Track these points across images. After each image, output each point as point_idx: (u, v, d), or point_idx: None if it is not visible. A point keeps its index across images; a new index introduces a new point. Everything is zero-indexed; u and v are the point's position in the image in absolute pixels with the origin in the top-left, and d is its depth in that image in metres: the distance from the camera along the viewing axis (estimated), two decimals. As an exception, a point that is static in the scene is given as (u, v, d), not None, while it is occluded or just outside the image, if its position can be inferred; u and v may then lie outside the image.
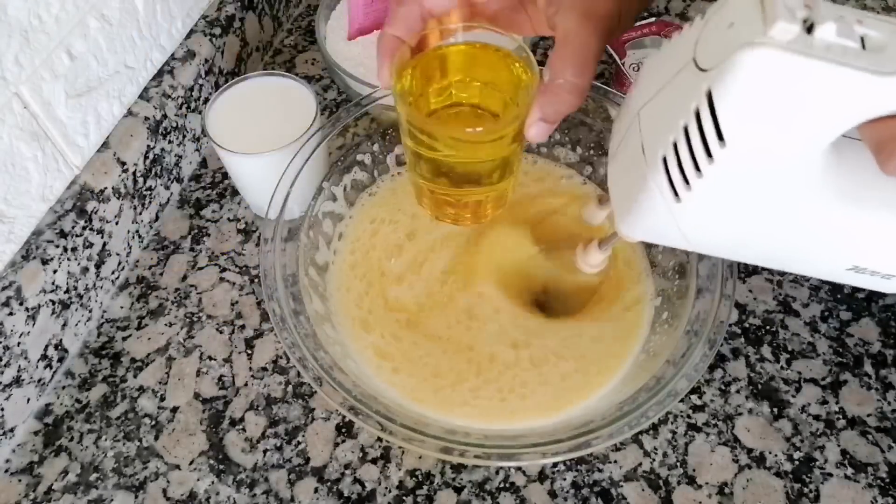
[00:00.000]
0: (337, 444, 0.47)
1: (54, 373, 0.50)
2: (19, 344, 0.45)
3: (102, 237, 0.51)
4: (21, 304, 0.45)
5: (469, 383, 0.45)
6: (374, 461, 0.46)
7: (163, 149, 0.56)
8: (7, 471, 0.46)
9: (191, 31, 0.59)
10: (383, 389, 0.45)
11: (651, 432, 0.47)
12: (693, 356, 0.40)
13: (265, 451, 0.47)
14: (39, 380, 0.48)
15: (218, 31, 0.60)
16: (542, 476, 0.46)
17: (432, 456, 0.45)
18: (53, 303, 0.48)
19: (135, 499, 0.45)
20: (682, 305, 0.45)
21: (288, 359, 0.50)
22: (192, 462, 0.46)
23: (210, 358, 0.51)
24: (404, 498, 0.45)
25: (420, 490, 0.45)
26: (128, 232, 0.54)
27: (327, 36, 0.61)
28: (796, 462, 0.46)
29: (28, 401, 0.48)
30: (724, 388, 0.49)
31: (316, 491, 0.45)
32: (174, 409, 0.49)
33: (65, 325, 0.49)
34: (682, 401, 0.47)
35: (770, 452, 0.46)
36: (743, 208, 0.29)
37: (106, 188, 0.51)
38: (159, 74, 0.56)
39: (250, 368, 0.50)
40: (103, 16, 0.49)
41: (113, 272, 0.53)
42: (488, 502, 0.45)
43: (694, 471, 0.46)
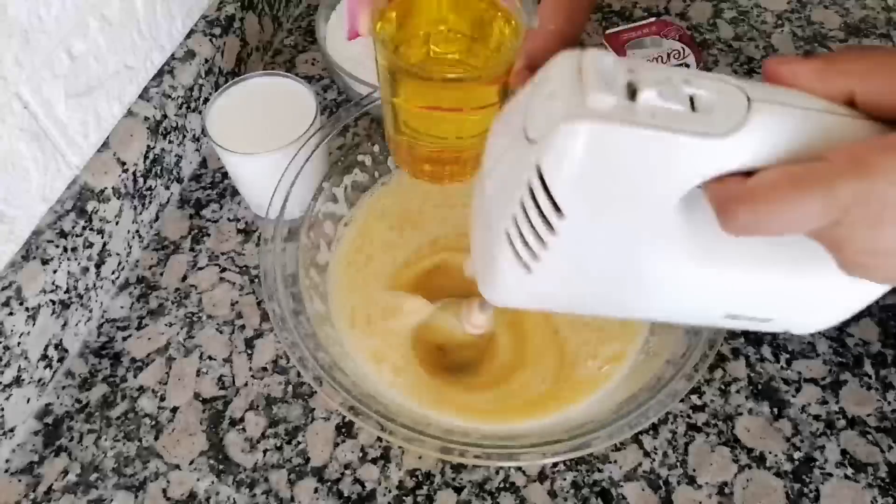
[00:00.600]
0: (337, 444, 0.47)
1: (54, 373, 0.50)
2: (19, 344, 0.45)
3: (102, 237, 0.51)
4: (21, 304, 0.45)
5: (469, 383, 0.46)
6: (374, 461, 0.46)
7: (163, 149, 0.56)
8: (7, 471, 0.46)
9: (191, 31, 0.59)
10: (383, 389, 0.45)
11: (651, 432, 0.47)
12: (693, 356, 0.40)
13: (265, 451, 0.47)
14: (39, 380, 0.48)
15: (218, 31, 0.60)
16: (542, 476, 0.46)
17: (432, 456, 0.45)
18: (53, 303, 0.48)
19: (135, 499, 0.45)
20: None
21: (288, 359, 0.50)
22: (192, 462, 0.46)
23: (210, 358, 0.51)
24: (404, 498, 0.45)
25: (420, 490, 0.45)
26: (128, 232, 0.54)
27: (327, 36, 0.61)
28: (796, 462, 0.46)
29: (28, 401, 0.48)
30: (724, 388, 0.49)
31: (316, 491, 0.45)
32: (174, 409, 0.49)
33: (65, 325, 0.49)
34: (682, 401, 0.47)
35: (770, 452, 0.46)
36: (598, 273, 0.28)
37: (106, 188, 0.51)
38: (159, 74, 0.56)
39: (250, 368, 0.50)
40: (103, 16, 0.49)
41: (113, 272, 0.53)
42: (488, 502, 0.45)
43: (694, 471, 0.46)
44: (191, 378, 0.50)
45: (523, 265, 0.28)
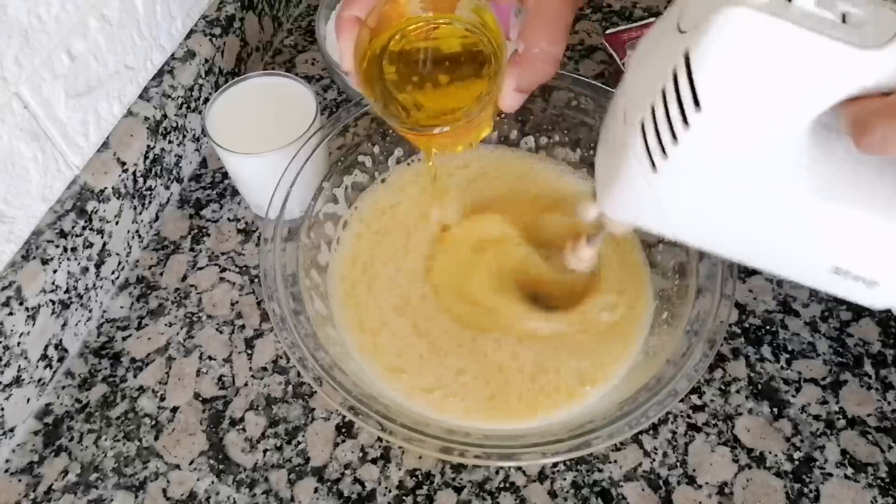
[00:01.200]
0: (337, 444, 0.47)
1: (54, 373, 0.50)
2: (19, 344, 0.45)
3: (102, 237, 0.51)
4: (21, 304, 0.45)
5: (469, 383, 0.45)
6: (374, 461, 0.46)
7: (163, 149, 0.56)
8: (7, 471, 0.46)
9: (191, 31, 0.59)
10: (383, 390, 0.45)
11: (651, 432, 0.47)
12: (693, 356, 0.40)
13: (265, 451, 0.47)
14: (39, 380, 0.48)
15: (218, 31, 0.60)
16: (542, 476, 0.46)
17: (432, 456, 0.45)
18: (53, 303, 0.48)
19: (135, 499, 0.45)
20: (682, 305, 0.44)
21: (288, 359, 0.50)
22: (192, 462, 0.46)
23: (210, 358, 0.51)
24: (404, 498, 0.45)
25: (420, 490, 0.45)
26: (128, 232, 0.54)
27: (327, 36, 0.61)
28: (796, 462, 0.46)
29: (28, 401, 0.48)
30: (724, 388, 0.49)
31: (316, 491, 0.45)
32: (174, 409, 0.49)
33: (65, 325, 0.49)
34: (682, 401, 0.47)
35: (770, 452, 0.46)
36: (718, 188, 0.28)
37: (106, 188, 0.51)
38: (159, 74, 0.56)
39: (250, 368, 0.50)
40: (103, 16, 0.49)
41: (113, 272, 0.53)
42: (488, 502, 0.45)
43: (694, 471, 0.46)
44: (191, 378, 0.50)
45: (650, 162, 0.28)
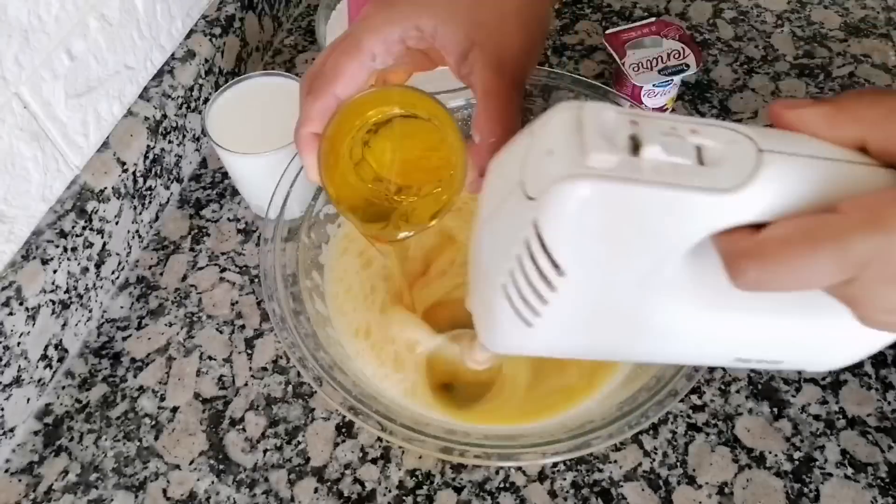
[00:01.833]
0: (337, 444, 0.47)
1: (54, 373, 0.50)
2: (19, 344, 0.45)
3: (102, 237, 0.51)
4: (21, 304, 0.45)
5: (468, 384, 0.45)
6: (374, 461, 0.46)
7: (163, 149, 0.56)
8: (7, 471, 0.46)
9: (191, 31, 0.59)
10: (383, 389, 0.45)
11: (651, 432, 0.47)
12: (693, 356, 0.40)
13: (265, 451, 0.47)
14: (39, 380, 0.48)
15: (218, 31, 0.60)
16: (542, 476, 0.46)
17: (432, 456, 0.45)
18: (53, 303, 0.48)
19: (135, 499, 0.45)
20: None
21: (288, 359, 0.50)
22: (192, 462, 0.46)
23: (210, 358, 0.51)
24: (404, 498, 0.45)
25: (420, 490, 0.45)
26: (128, 232, 0.54)
27: (327, 36, 0.61)
28: (796, 462, 0.46)
29: (28, 401, 0.48)
30: (724, 388, 0.49)
31: (316, 491, 0.45)
32: (174, 409, 0.49)
33: (65, 325, 0.49)
34: (682, 401, 0.47)
35: (770, 452, 0.46)
36: (603, 325, 0.27)
37: (106, 188, 0.51)
38: (159, 74, 0.56)
39: (250, 368, 0.50)
40: (103, 16, 0.49)
41: (113, 272, 0.53)
42: (488, 502, 0.45)
43: (694, 471, 0.46)
44: (191, 378, 0.50)
45: (523, 320, 0.27)
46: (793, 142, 0.23)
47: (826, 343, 0.28)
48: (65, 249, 0.48)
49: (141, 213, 0.55)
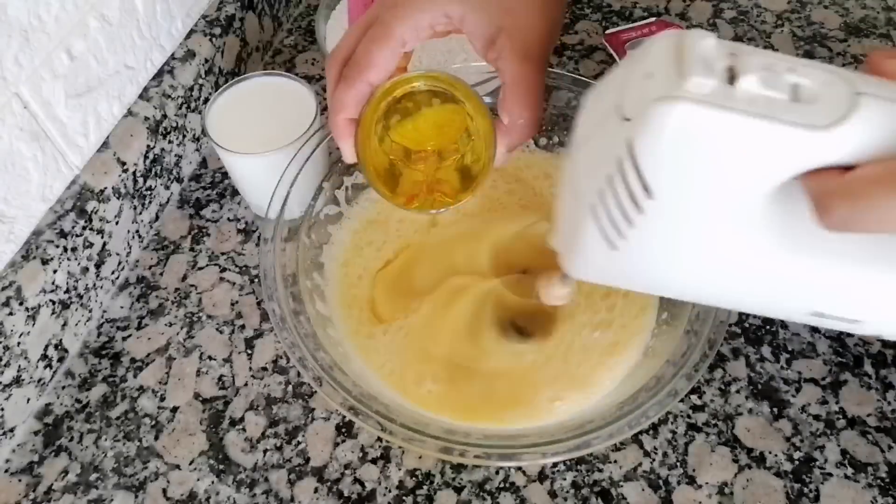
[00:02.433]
0: (337, 444, 0.47)
1: (54, 373, 0.50)
2: (19, 344, 0.45)
3: (102, 237, 0.51)
4: (21, 304, 0.45)
5: (468, 384, 0.45)
6: (374, 461, 0.46)
7: (163, 149, 0.56)
8: (7, 471, 0.46)
9: (191, 31, 0.59)
10: (383, 390, 0.45)
11: (651, 432, 0.47)
12: (693, 356, 0.40)
13: (265, 451, 0.47)
14: (39, 380, 0.48)
15: (218, 31, 0.60)
16: (542, 476, 0.46)
17: (432, 456, 0.45)
18: (53, 303, 0.48)
19: (135, 499, 0.45)
20: (682, 305, 0.44)
21: (288, 359, 0.50)
22: (192, 462, 0.46)
23: (210, 358, 0.51)
24: (404, 498, 0.45)
25: (420, 490, 0.45)
26: (128, 232, 0.54)
27: (327, 36, 0.61)
28: (796, 462, 0.46)
29: (28, 401, 0.48)
30: (724, 388, 0.49)
31: (316, 491, 0.45)
32: (174, 409, 0.49)
33: (65, 325, 0.49)
34: (682, 401, 0.47)
35: (770, 452, 0.46)
36: (685, 256, 0.27)
37: (106, 188, 0.51)
38: (159, 74, 0.56)
39: (250, 368, 0.50)
40: (103, 16, 0.49)
41: (113, 272, 0.53)
42: (488, 502, 0.45)
43: (694, 471, 0.46)
44: (191, 378, 0.50)
45: (608, 242, 0.27)
46: (890, 89, 0.23)
47: None
48: (65, 249, 0.48)
49: (141, 213, 0.55)
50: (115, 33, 0.50)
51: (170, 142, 0.57)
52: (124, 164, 0.52)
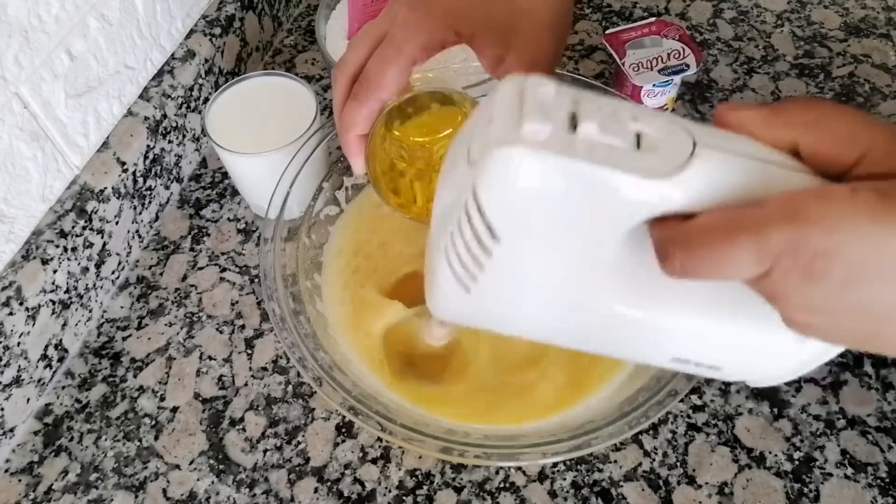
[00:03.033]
0: (337, 444, 0.47)
1: (54, 373, 0.50)
2: (19, 344, 0.45)
3: (102, 237, 0.51)
4: (21, 304, 0.45)
5: (468, 384, 0.45)
6: (374, 461, 0.46)
7: (163, 149, 0.56)
8: (7, 471, 0.46)
9: (191, 31, 0.59)
10: (383, 390, 0.45)
11: (651, 432, 0.47)
12: (693, 356, 0.40)
13: (265, 451, 0.47)
14: (39, 380, 0.48)
15: (218, 31, 0.60)
16: (542, 476, 0.46)
17: (432, 456, 0.45)
18: (53, 303, 0.48)
19: (135, 499, 0.45)
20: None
21: (288, 359, 0.50)
22: (192, 462, 0.46)
23: (210, 358, 0.51)
24: (404, 498, 0.45)
25: (420, 490, 0.45)
26: (128, 232, 0.54)
27: (327, 36, 0.61)
28: (796, 462, 0.46)
29: (28, 401, 0.48)
30: (724, 387, 0.49)
31: (316, 491, 0.45)
32: (174, 409, 0.49)
33: (65, 325, 0.49)
34: (682, 401, 0.47)
35: (770, 452, 0.46)
36: (538, 300, 0.27)
37: (106, 188, 0.51)
38: (159, 74, 0.56)
39: (250, 368, 0.50)
40: (103, 16, 0.49)
41: (113, 272, 0.53)
42: (488, 502, 0.45)
43: (694, 471, 0.46)
44: (191, 378, 0.50)
45: (462, 285, 0.27)
46: (730, 140, 0.24)
47: (763, 351, 0.28)
48: (65, 249, 0.48)
49: (141, 213, 0.55)
50: (115, 33, 0.50)
51: (170, 142, 0.57)
52: (124, 164, 0.52)
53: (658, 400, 0.39)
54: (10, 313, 0.44)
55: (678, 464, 0.46)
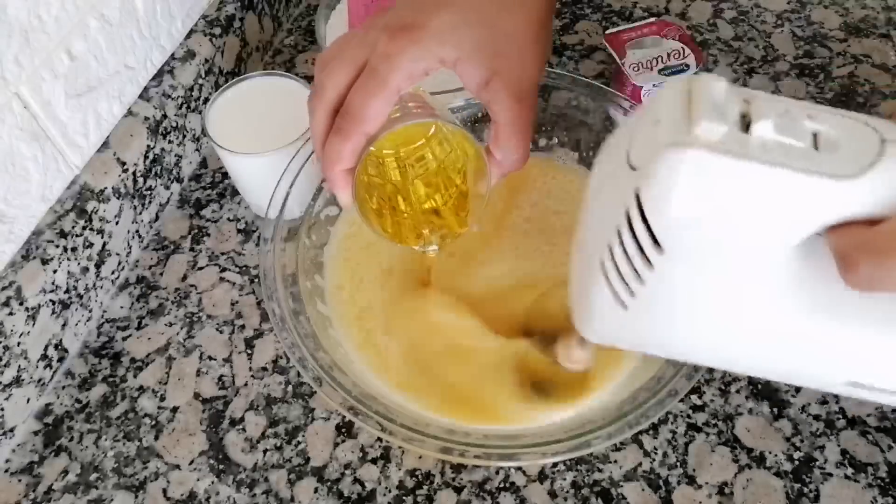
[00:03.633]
0: (337, 444, 0.47)
1: (54, 373, 0.50)
2: (19, 344, 0.45)
3: (102, 237, 0.51)
4: (21, 304, 0.45)
5: (468, 384, 0.45)
6: (374, 461, 0.46)
7: (163, 149, 0.56)
8: (7, 471, 0.46)
9: (191, 31, 0.59)
10: (383, 390, 0.45)
11: (651, 432, 0.47)
12: (693, 356, 0.40)
13: (265, 451, 0.47)
14: (39, 380, 0.48)
15: (218, 31, 0.60)
16: (542, 476, 0.46)
17: (432, 456, 0.45)
18: (53, 303, 0.48)
19: (135, 499, 0.45)
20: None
21: (288, 359, 0.50)
22: (192, 462, 0.46)
23: (210, 358, 0.51)
24: (404, 498, 0.45)
25: (420, 490, 0.45)
26: (128, 232, 0.54)
27: (327, 36, 0.61)
28: (796, 462, 0.46)
29: (28, 401, 0.48)
30: (724, 387, 0.49)
31: (316, 491, 0.45)
32: (174, 409, 0.49)
33: (65, 325, 0.49)
34: (682, 401, 0.47)
35: (770, 452, 0.46)
36: (701, 317, 0.25)
37: (106, 188, 0.51)
38: (159, 74, 0.56)
39: (250, 368, 0.50)
40: (103, 16, 0.49)
41: (113, 272, 0.53)
42: (488, 502, 0.45)
43: (694, 471, 0.46)
44: (191, 378, 0.50)
45: (619, 302, 0.26)
46: None
47: None
48: (65, 249, 0.48)
49: (141, 213, 0.55)
50: (115, 33, 0.50)
51: (170, 142, 0.57)
52: (124, 164, 0.52)
53: (658, 400, 0.39)
54: (10, 313, 0.44)
55: (678, 464, 0.46)
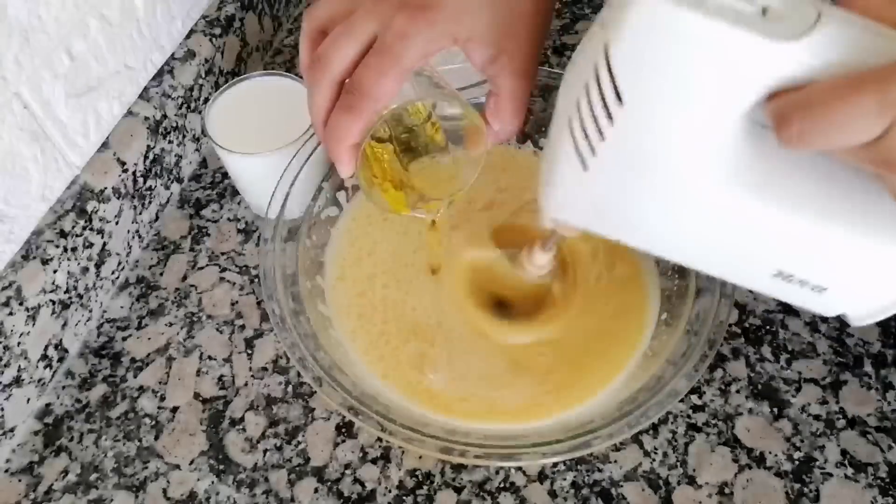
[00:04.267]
0: (337, 444, 0.47)
1: (54, 373, 0.50)
2: (19, 344, 0.45)
3: (102, 237, 0.51)
4: (21, 304, 0.45)
5: (468, 384, 0.45)
6: (374, 461, 0.46)
7: (163, 149, 0.56)
8: (7, 471, 0.46)
9: (191, 31, 0.59)
10: (383, 390, 0.45)
11: (651, 432, 0.47)
12: (693, 356, 0.40)
13: (265, 451, 0.47)
14: (39, 380, 0.48)
15: (218, 31, 0.60)
16: (542, 476, 0.46)
17: (432, 456, 0.45)
18: (53, 303, 0.48)
19: (135, 499, 0.45)
20: (682, 305, 0.45)
21: (288, 359, 0.50)
22: (192, 462, 0.46)
23: (210, 358, 0.51)
24: (404, 498, 0.45)
25: (420, 490, 0.45)
26: (128, 232, 0.54)
27: (327, 36, 0.61)
28: (796, 462, 0.46)
29: (28, 401, 0.48)
30: (724, 388, 0.49)
31: (316, 491, 0.45)
32: (174, 409, 0.49)
33: (65, 325, 0.49)
34: (682, 401, 0.47)
35: (770, 452, 0.46)
36: (650, 185, 0.28)
37: (106, 188, 0.51)
38: (159, 74, 0.56)
39: (250, 368, 0.50)
40: (103, 16, 0.49)
41: (113, 272, 0.53)
42: (488, 502, 0.45)
43: (694, 471, 0.46)
44: (191, 378, 0.50)
45: (580, 159, 0.28)
46: (854, 17, 0.24)
47: (873, 272, 0.28)
48: (65, 249, 0.48)
49: (141, 213, 0.55)
50: (115, 33, 0.50)
51: (170, 142, 0.57)
52: (124, 164, 0.52)
53: (658, 400, 0.39)
54: (10, 313, 0.44)
55: (678, 464, 0.46)
